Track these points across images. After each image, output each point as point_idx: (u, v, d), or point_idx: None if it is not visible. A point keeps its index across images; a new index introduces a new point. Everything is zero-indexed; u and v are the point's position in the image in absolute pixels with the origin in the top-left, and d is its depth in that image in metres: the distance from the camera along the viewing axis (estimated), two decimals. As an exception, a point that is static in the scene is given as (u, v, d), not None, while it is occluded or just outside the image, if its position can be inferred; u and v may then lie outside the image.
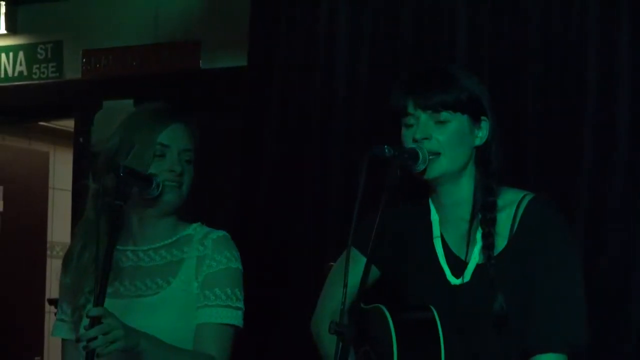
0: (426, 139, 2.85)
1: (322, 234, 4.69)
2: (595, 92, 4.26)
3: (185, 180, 3.16)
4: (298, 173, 4.82)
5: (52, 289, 7.08)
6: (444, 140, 2.88)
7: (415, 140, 2.86)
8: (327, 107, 4.76)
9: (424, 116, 2.88)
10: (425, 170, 2.88)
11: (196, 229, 3.27)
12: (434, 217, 3.00)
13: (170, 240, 3.24)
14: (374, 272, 3.01)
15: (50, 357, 7.13)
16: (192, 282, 3.17)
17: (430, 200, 3.01)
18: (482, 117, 2.93)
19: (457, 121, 2.90)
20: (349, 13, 4.74)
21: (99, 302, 2.78)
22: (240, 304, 3.20)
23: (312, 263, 4.54)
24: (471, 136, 2.93)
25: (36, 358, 7.11)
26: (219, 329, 3.16)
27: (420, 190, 2.98)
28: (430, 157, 2.86)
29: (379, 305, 2.97)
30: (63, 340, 3.24)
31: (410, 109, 2.88)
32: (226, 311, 3.18)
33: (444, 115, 2.89)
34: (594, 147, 4.23)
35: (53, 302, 5.57)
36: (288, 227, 4.82)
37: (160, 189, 3.05)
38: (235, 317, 3.17)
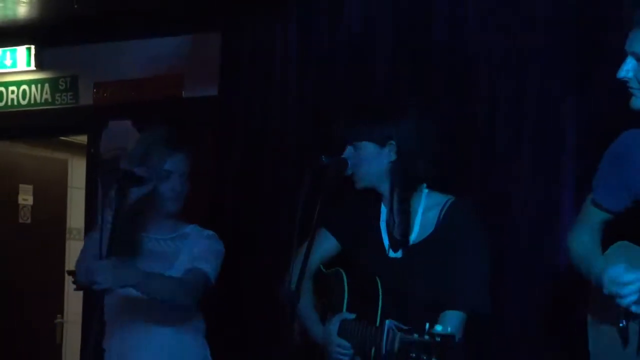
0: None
1: (278, 235, 4.54)
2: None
3: (182, 195, 3.31)
4: (258, 179, 4.74)
5: (70, 263, 7.04)
6: (356, 163, 3.01)
7: None
8: (280, 127, 4.72)
9: (349, 147, 3.03)
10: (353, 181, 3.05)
11: (193, 229, 3.43)
12: (383, 208, 3.09)
13: (174, 235, 3.39)
14: (337, 246, 3.20)
15: (69, 317, 7.08)
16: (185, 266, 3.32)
17: None
18: (389, 141, 2.98)
19: (364, 148, 3.00)
20: (297, 52, 4.69)
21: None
22: (214, 274, 3.30)
23: (267, 271, 4.41)
24: (379, 156, 3.00)
25: (58, 315, 7.06)
26: (197, 271, 3.26)
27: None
28: (354, 173, 3.02)
29: (339, 268, 3.19)
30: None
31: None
32: (205, 263, 3.30)
33: (355, 144, 3.01)
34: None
35: (71, 273, 5.57)
36: (247, 229, 4.72)
37: (149, 184, 3.13)
38: (209, 272, 3.28)
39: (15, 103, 6.03)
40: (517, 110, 4.01)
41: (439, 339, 2.38)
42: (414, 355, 2.42)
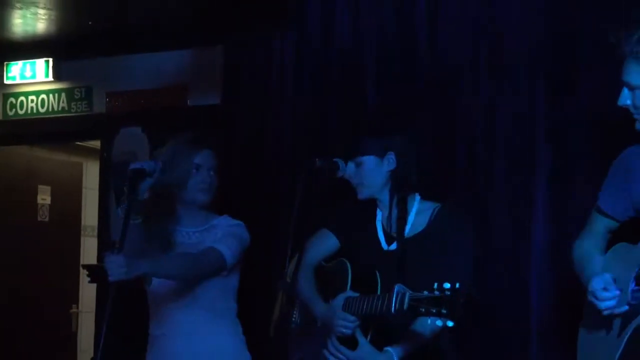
0: (350, 176, 3.06)
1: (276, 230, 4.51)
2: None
3: (212, 187, 3.35)
4: (258, 179, 4.75)
5: (84, 257, 7.14)
6: (359, 177, 3.07)
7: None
8: (277, 132, 4.72)
9: (350, 163, 3.07)
10: (356, 192, 3.10)
11: (222, 220, 3.44)
12: (379, 212, 3.16)
13: (204, 227, 3.40)
14: (336, 245, 3.25)
15: (84, 307, 7.18)
16: None
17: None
18: (388, 152, 3.05)
19: (365, 163, 3.06)
20: (293, 64, 4.67)
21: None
22: (231, 254, 3.29)
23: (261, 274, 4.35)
24: (380, 166, 3.06)
25: (73, 306, 7.15)
26: (211, 249, 3.26)
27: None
28: (357, 186, 3.07)
29: (343, 259, 3.19)
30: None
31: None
32: (222, 244, 3.30)
33: (356, 160, 3.07)
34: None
35: (85, 266, 5.62)
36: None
37: (155, 173, 3.13)
38: (224, 252, 3.27)
39: (35, 111, 6.12)
40: (495, 119, 3.97)
41: (448, 293, 2.39)
42: (423, 310, 2.43)
